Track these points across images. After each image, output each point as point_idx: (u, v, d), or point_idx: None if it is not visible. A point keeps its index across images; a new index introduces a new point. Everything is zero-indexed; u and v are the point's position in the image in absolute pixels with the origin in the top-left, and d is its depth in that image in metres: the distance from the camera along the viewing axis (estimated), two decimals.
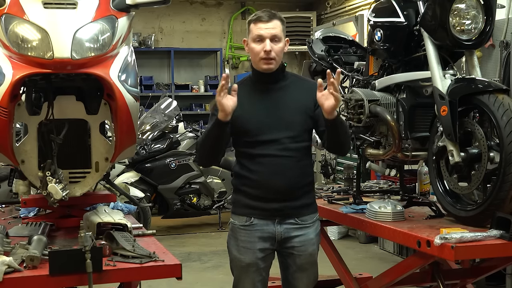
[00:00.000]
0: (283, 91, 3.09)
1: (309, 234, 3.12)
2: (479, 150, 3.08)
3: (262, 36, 3.01)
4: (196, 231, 8.13)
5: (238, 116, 3.02)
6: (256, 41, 3.03)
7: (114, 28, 2.94)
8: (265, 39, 3.00)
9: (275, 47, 3.01)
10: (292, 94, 3.09)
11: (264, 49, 3.00)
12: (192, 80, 10.74)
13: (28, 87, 3.05)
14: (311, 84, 3.21)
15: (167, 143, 7.82)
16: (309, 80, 3.40)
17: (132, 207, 3.83)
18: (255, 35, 3.03)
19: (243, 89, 3.09)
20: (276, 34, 3.01)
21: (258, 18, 3.03)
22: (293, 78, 3.20)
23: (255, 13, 3.10)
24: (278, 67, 3.07)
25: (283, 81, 3.12)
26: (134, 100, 2.98)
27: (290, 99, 3.08)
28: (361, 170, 4.07)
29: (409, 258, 3.58)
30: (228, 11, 11.01)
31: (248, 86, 3.13)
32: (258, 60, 3.04)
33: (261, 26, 3.01)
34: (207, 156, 3.11)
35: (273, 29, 3.01)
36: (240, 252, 3.10)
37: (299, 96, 3.09)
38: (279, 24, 3.03)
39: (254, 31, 3.03)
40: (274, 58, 3.02)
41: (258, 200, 3.06)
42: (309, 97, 3.08)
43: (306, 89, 3.12)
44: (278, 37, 3.02)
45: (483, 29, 3.26)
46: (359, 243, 7.33)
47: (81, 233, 2.58)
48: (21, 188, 3.51)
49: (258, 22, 3.02)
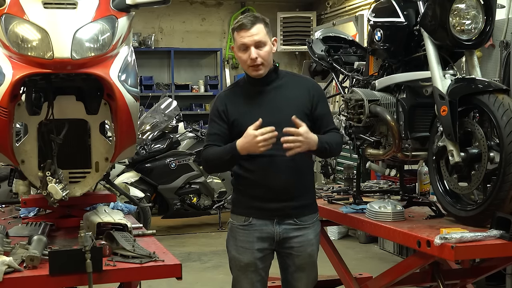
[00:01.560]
0: (278, 91, 3.10)
1: (308, 234, 3.12)
2: (479, 150, 3.08)
3: (246, 44, 3.01)
4: (196, 231, 8.13)
5: (236, 119, 3.05)
6: (241, 50, 3.04)
7: (114, 28, 2.94)
8: (250, 47, 3.00)
9: (261, 53, 3.01)
10: (287, 93, 3.09)
11: (250, 57, 3.00)
12: (192, 80, 10.74)
13: (28, 87, 3.05)
14: (306, 81, 3.23)
15: (167, 143, 7.82)
16: (304, 77, 3.40)
17: (132, 207, 3.83)
18: (239, 44, 3.04)
19: (239, 91, 3.13)
20: (260, 40, 3.01)
21: (240, 26, 3.02)
22: (288, 76, 3.19)
23: (238, 19, 3.09)
24: (269, 69, 3.07)
25: (277, 81, 3.12)
26: (134, 100, 2.98)
27: (285, 99, 3.08)
28: (361, 170, 4.06)
29: (409, 258, 3.58)
30: (228, 11, 11.01)
31: (244, 88, 3.14)
32: (246, 68, 3.07)
33: (243, 35, 3.01)
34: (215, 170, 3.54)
35: (256, 35, 3.00)
36: (239, 252, 3.10)
37: (295, 94, 3.10)
38: (261, 28, 3.02)
39: (238, 40, 3.04)
40: (262, 63, 3.02)
41: (257, 200, 3.07)
42: (304, 94, 3.09)
43: (301, 87, 3.13)
44: (262, 42, 3.01)
45: (483, 29, 3.26)
46: (359, 243, 7.33)
47: (81, 233, 2.58)
48: (21, 188, 3.51)
49: (240, 30, 3.02)
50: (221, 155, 3.02)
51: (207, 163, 3.15)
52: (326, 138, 3.04)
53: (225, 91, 3.26)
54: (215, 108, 3.14)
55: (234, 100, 3.12)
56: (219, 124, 3.09)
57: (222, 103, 3.12)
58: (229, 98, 3.14)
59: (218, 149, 3.04)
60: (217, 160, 3.06)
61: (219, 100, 3.16)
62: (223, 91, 3.28)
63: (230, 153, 2.97)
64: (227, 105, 3.10)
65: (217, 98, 3.19)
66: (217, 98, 3.19)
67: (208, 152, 3.08)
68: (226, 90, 3.26)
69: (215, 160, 3.06)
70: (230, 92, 3.20)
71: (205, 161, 3.14)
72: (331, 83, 4.66)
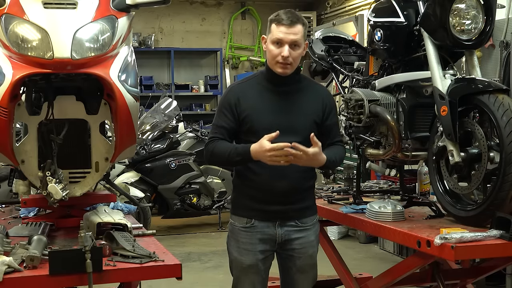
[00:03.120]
0: (295, 95, 3.05)
1: (309, 236, 3.12)
2: (479, 150, 3.08)
3: (282, 40, 2.94)
4: (196, 231, 8.13)
5: (248, 115, 3.00)
6: (275, 43, 2.96)
7: (114, 28, 2.94)
8: (285, 44, 2.93)
9: (294, 53, 2.95)
10: (303, 99, 3.06)
11: (282, 54, 2.94)
12: (192, 80, 10.74)
13: (28, 87, 3.05)
14: (321, 89, 3.20)
15: (167, 143, 7.82)
16: (319, 85, 3.33)
17: (132, 207, 3.82)
18: (275, 38, 2.95)
19: (255, 86, 3.06)
20: (297, 40, 2.94)
21: (281, 20, 2.94)
22: (306, 82, 3.16)
23: (278, 12, 2.99)
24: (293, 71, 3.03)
25: (297, 85, 3.08)
26: (134, 100, 2.98)
27: (301, 104, 3.04)
28: (361, 170, 4.06)
29: (409, 258, 3.58)
30: (228, 11, 11.01)
31: (259, 84, 3.07)
32: (274, 63, 2.99)
33: (283, 30, 2.93)
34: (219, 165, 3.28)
35: (295, 35, 2.93)
36: (241, 254, 3.09)
37: (310, 101, 3.07)
38: (301, 29, 2.96)
39: (274, 33, 2.96)
40: (291, 63, 2.97)
41: (260, 203, 3.05)
42: (319, 102, 3.07)
43: (317, 95, 3.10)
44: (298, 43, 2.95)
45: (483, 29, 3.26)
46: (359, 243, 7.33)
47: (81, 233, 2.58)
48: (21, 188, 3.50)
49: (281, 25, 2.93)
50: (232, 154, 2.95)
51: (213, 157, 3.05)
52: (332, 156, 3.02)
53: (239, 83, 3.16)
54: (226, 100, 3.05)
55: (248, 94, 3.03)
56: (228, 118, 3.02)
57: (235, 96, 3.03)
58: (243, 91, 3.05)
59: (229, 147, 2.98)
60: (225, 158, 2.99)
61: (232, 92, 3.07)
62: (236, 83, 3.19)
63: (242, 156, 2.92)
64: (240, 99, 3.02)
65: (229, 90, 3.10)
66: (230, 89, 3.10)
67: (217, 147, 3.00)
68: (241, 83, 3.17)
69: (223, 157, 2.99)
70: (245, 85, 3.11)
71: (211, 154, 3.03)
72: (331, 83, 4.65)
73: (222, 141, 3.01)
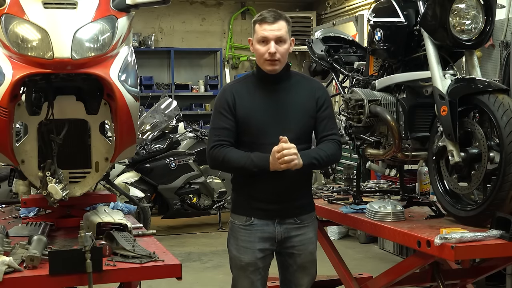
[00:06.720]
0: (287, 92, 3.08)
1: (308, 233, 3.13)
2: (479, 150, 3.08)
3: (266, 38, 2.98)
4: (196, 231, 8.13)
5: (244, 115, 3.01)
6: (260, 42, 3.01)
7: (114, 28, 2.94)
8: (270, 41, 2.98)
9: (280, 49, 2.99)
10: (295, 95, 3.07)
11: (268, 51, 2.98)
12: (192, 80, 10.74)
13: (28, 87, 3.05)
14: (313, 83, 3.21)
15: (167, 143, 7.82)
16: (312, 79, 3.38)
17: (132, 207, 3.82)
18: (260, 37, 3.00)
19: (246, 88, 3.08)
20: (281, 35, 2.99)
21: (263, 19, 3.00)
22: (297, 77, 3.18)
23: (261, 13, 3.06)
24: (282, 68, 3.05)
25: (288, 81, 3.10)
26: (134, 100, 2.98)
27: (293, 100, 3.06)
28: (361, 170, 4.06)
29: (409, 258, 3.58)
30: (228, 11, 11.01)
31: (252, 84, 3.10)
32: (262, 61, 3.02)
33: (266, 28, 2.98)
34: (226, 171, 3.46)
35: (278, 30, 2.98)
36: (240, 252, 3.10)
37: (303, 96, 3.08)
38: (284, 25, 3.01)
39: (259, 32, 3.01)
40: (279, 59, 3.00)
41: (258, 201, 3.06)
42: (311, 96, 3.08)
43: (309, 89, 3.11)
44: (283, 39, 3.00)
45: (483, 29, 3.26)
46: (359, 243, 7.33)
47: (81, 233, 2.58)
48: (21, 188, 3.50)
49: (263, 23, 2.99)
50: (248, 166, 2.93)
51: (223, 164, 3.01)
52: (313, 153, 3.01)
53: (233, 84, 3.19)
54: (223, 100, 3.04)
55: (242, 94, 3.05)
56: (228, 118, 3.02)
57: (231, 95, 3.04)
58: (237, 91, 3.06)
59: (243, 157, 2.94)
60: (239, 167, 2.97)
61: (227, 92, 3.07)
62: (229, 84, 3.20)
63: (259, 167, 2.92)
64: (236, 98, 3.03)
65: (224, 91, 3.10)
66: (224, 90, 3.10)
67: (227, 155, 2.96)
68: (234, 83, 3.19)
69: (236, 166, 2.98)
70: (239, 85, 3.12)
71: (221, 161, 2.98)
72: (331, 83, 4.66)
73: (231, 148, 2.99)
